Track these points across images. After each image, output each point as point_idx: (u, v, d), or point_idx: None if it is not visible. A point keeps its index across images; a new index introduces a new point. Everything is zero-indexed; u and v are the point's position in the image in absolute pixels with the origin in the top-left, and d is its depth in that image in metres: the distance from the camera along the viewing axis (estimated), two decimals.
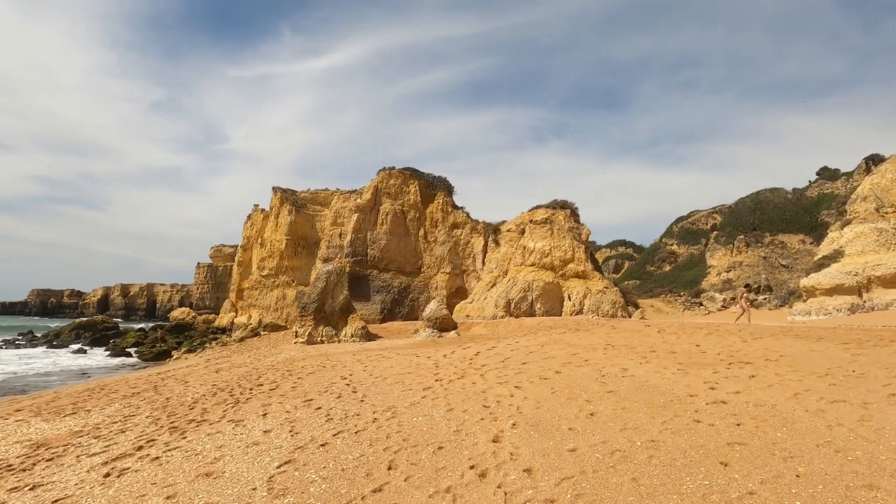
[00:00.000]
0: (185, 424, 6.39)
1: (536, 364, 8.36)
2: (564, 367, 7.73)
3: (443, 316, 25.49)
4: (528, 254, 29.82)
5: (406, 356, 12.34)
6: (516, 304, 27.62)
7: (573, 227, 30.98)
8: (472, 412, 5.61)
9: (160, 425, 6.57)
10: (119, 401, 9.73)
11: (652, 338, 10.17)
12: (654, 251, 54.18)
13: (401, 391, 7.14)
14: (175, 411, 7.64)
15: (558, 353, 9.27)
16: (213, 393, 9.25)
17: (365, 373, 9.68)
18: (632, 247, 79.87)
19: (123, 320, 77.85)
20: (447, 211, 34.43)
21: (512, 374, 7.57)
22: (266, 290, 38.33)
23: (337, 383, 8.65)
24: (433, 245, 33.66)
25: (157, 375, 15.89)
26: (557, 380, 6.86)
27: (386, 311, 31.58)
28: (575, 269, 29.05)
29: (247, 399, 7.88)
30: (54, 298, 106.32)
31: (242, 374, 12.46)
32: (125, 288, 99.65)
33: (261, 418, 6.27)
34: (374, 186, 34.17)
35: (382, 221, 33.29)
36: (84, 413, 8.45)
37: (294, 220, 37.43)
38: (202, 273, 79.90)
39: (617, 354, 8.53)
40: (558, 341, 11.14)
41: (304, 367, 12.55)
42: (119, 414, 7.99)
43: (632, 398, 5.54)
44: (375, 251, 32.75)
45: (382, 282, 32.38)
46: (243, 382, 10.37)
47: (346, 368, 10.99)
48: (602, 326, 13.43)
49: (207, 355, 24.75)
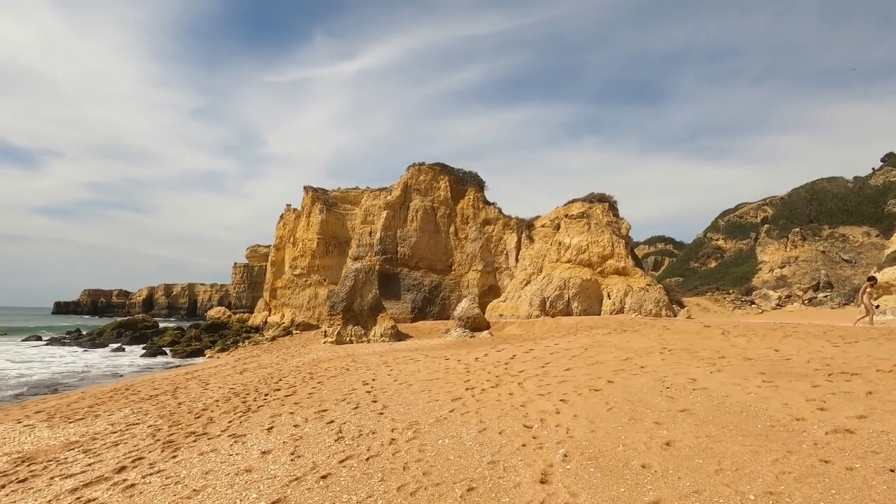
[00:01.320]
0: (183, 438, 5.63)
1: (582, 371, 7.23)
2: (617, 376, 6.56)
3: (475, 315, 24.45)
4: (563, 250, 28.37)
5: (435, 359, 11.39)
6: (552, 303, 26.27)
7: (612, 222, 29.29)
8: (510, 434, 4.57)
9: (157, 438, 5.84)
10: (134, 404, 9.18)
11: (715, 340, 8.81)
12: (697, 247, 51.33)
13: (426, 402, 6.17)
14: (180, 420, 6.94)
15: (606, 358, 8.08)
16: (226, 398, 8.55)
17: (389, 378, 8.77)
18: (671, 243, 76.93)
19: (166, 319, 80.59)
20: (478, 207, 33.31)
21: (555, 383, 6.47)
22: (298, 289, 38.30)
23: (357, 390, 7.78)
24: (464, 242, 32.62)
25: (183, 376, 15.56)
26: (612, 391, 5.72)
27: (416, 310, 30.77)
28: (614, 266, 27.41)
29: (259, 407, 7.09)
30: (104, 298, 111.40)
31: (264, 377, 11.81)
32: (168, 288, 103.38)
33: (265, 433, 5.43)
34: (403, 183, 33.41)
35: (412, 218, 32.49)
36: (92, 419, 7.90)
37: (325, 220, 37.18)
38: (238, 273, 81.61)
39: (678, 361, 7.28)
40: (604, 344, 9.91)
41: (328, 368, 11.80)
42: (124, 421, 7.37)
43: (715, 420, 4.34)
44: (405, 249, 31.99)
45: (413, 280, 31.59)
46: (261, 386, 9.67)
47: (370, 372, 10.13)
48: (652, 327, 12.04)
49: (238, 354, 24.61)
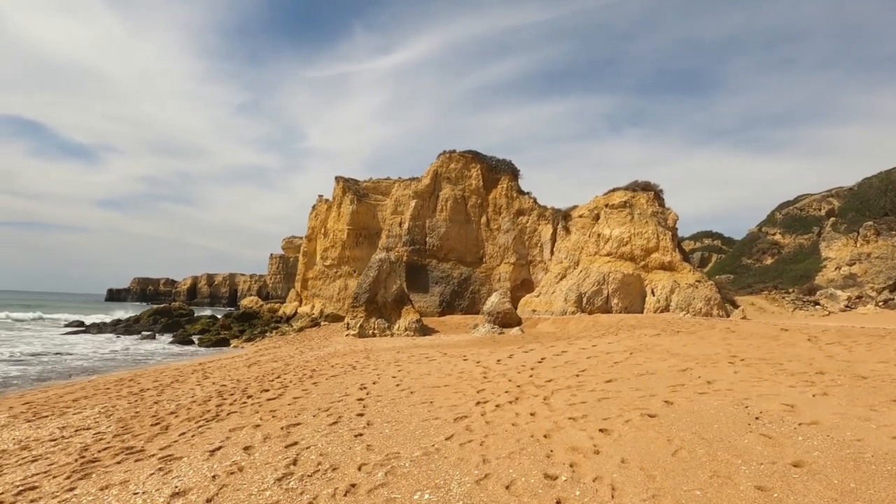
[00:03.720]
0: (110, 458, 4.50)
1: (628, 383, 5.65)
2: (677, 394, 4.97)
3: (505, 310, 22.88)
4: (603, 242, 26.31)
5: (452, 359, 10.00)
6: (589, 299, 24.35)
7: (657, 212, 26.95)
8: (522, 491, 3.10)
9: (84, 455, 4.74)
10: (115, 400, 8.28)
11: (801, 348, 6.99)
12: (750, 242, 47.58)
13: (421, 420, 4.79)
14: (134, 427, 5.88)
15: (658, 367, 6.46)
16: (207, 398, 7.48)
17: (392, 381, 7.46)
18: (720, 238, 72.87)
19: (208, 307, 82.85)
20: (512, 196, 31.56)
21: (592, 401, 4.95)
22: (329, 280, 37.82)
23: (351, 395, 6.50)
24: (496, 233, 31.00)
25: (192, 367, 14.85)
26: (673, 419, 4.15)
27: (445, 304, 29.46)
28: (660, 260, 25.16)
29: (229, 414, 5.93)
30: (152, 286, 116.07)
31: (266, 372, 10.79)
32: (210, 277, 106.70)
33: (205, 458, 4.20)
34: (433, 171, 32.07)
35: (442, 208, 31.13)
36: (55, 417, 6.98)
37: (356, 210, 36.45)
38: (275, 264, 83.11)
39: (758, 375, 5.58)
40: (653, 347, 8.23)
41: (335, 365, 10.64)
42: (79, 424, 6.39)
43: (861, 490, 2.72)
44: (434, 239, 30.69)
45: (441, 272, 30.28)
46: (253, 385, 8.58)
47: (375, 372, 8.87)
48: (712, 328, 10.14)
49: (262, 345, 24.06)
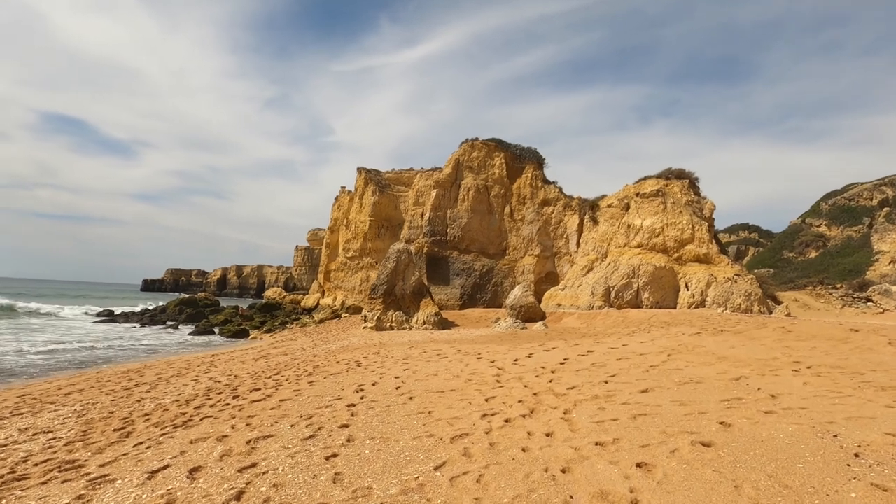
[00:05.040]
0: (44, 474, 3.83)
1: (669, 395, 4.68)
2: (734, 412, 3.97)
3: (528, 304, 21.89)
4: (633, 233, 24.89)
5: (465, 356, 9.14)
6: (618, 293, 23.05)
7: (692, 201, 25.31)
8: None
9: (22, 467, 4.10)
10: (103, 396, 7.77)
11: (882, 354, 5.82)
12: (792, 234, 44.88)
13: (412, 437, 3.95)
14: (97, 431, 5.25)
15: (704, 374, 5.43)
16: (193, 397, 6.85)
17: (394, 382, 6.66)
18: (756, 231, 69.69)
19: (238, 298, 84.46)
20: (537, 186, 30.32)
21: (625, 418, 4.01)
22: (351, 271, 37.50)
23: (344, 398, 5.73)
24: (520, 224, 29.87)
25: (206, 357, 14.50)
26: (736, 453, 3.16)
27: (466, 297, 28.59)
28: (695, 252, 23.60)
29: (202, 419, 5.25)
30: (184, 277, 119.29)
31: (269, 368, 10.18)
32: (239, 269, 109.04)
33: (139, 483, 3.45)
34: (455, 160, 31.11)
35: (463, 198, 30.17)
36: (32, 415, 6.47)
37: (378, 201, 35.92)
38: (300, 255, 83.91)
39: (834, 387, 4.52)
40: (693, 349, 7.16)
41: (340, 361, 9.95)
42: (52, 423, 5.82)
43: None
44: (455, 230, 29.80)
45: (463, 264, 29.39)
46: (247, 382, 7.93)
47: (380, 370, 8.10)
48: (763, 327, 8.90)
49: (279, 336, 23.76)
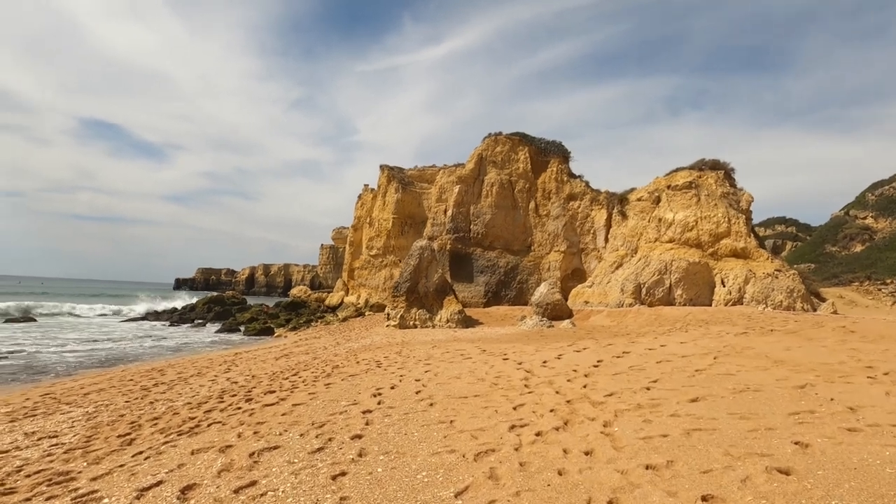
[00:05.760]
0: (31, 488, 3.55)
1: (725, 405, 4.10)
2: (809, 430, 3.38)
3: (555, 301, 21.22)
4: (665, 227, 23.88)
5: (491, 356, 8.67)
6: (649, 290, 22.13)
7: (728, 193, 24.13)
8: None
9: (11, 479, 3.85)
10: (118, 397, 7.64)
11: None
12: (835, 227, 42.64)
13: (430, 453, 3.50)
14: (100, 437, 5.02)
15: (762, 380, 4.82)
16: (204, 400, 6.60)
17: (414, 386, 6.25)
18: (794, 224, 66.86)
19: (265, 296, 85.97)
20: (562, 180, 29.49)
21: (677, 434, 3.47)
22: (374, 269, 37.43)
23: (360, 404, 5.35)
24: (545, 219, 29.11)
25: (228, 356, 14.45)
26: (826, 485, 2.54)
27: (490, 294, 28.05)
28: (731, 246, 22.48)
29: (209, 425, 4.95)
30: (214, 276, 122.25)
31: (288, 367, 9.93)
32: (267, 268, 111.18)
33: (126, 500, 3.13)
34: (477, 155, 30.55)
35: (487, 193, 29.60)
36: (44, 417, 6.33)
37: (401, 199, 35.70)
38: (325, 254, 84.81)
39: None
40: (742, 351, 6.50)
41: (360, 361, 9.61)
42: (59, 427, 5.65)
43: None
44: (479, 227, 29.26)
45: (487, 261, 28.84)
46: (263, 383, 7.66)
47: (400, 371, 7.72)
48: (820, 326, 8.07)
49: (303, 334, 23.75)
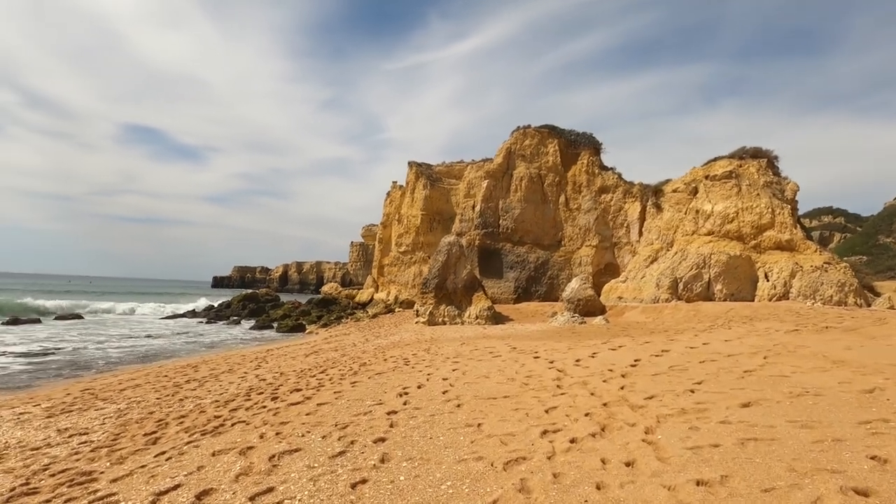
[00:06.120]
0: (53, 489, 3.53)
1: (782, 411, 3.72)
2: (885, 441, 2.97)
3: (587, 297, 20.65)
4: (703, 219, 22.89)
5: (521, 355, 8.39)
6: (686, 284, 21.25)
7: (771, 182, 22.91)
8: None
9: (36, 479, 3.85)
10: (150, 393, 7.77)
11: None
12: (889, 217, 40.02)
13: (456, 460, 3.28)
14: (127, 435, 5.04)
15: (822, 383, 4.39)
16: (231, 398, 6.60)
17: (441, 386, 6.05)
18: (843, 215, 63.39)
19: (298, 293, 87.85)
20: (593, 173, 28.70)
21: (730, 444, 3.12)
22: (403, 266, 37.58)
23: (385, 404, 5.20)
24: (576, 213, 28.41)
25: (260, 352, 14.66)
26: None
27: (520, 290, 27.62)
28: (776, 239, 21.34)
29: (233, 424, 4.90)
30: (249, 274, 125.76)
31: (316, 364, 9.93)
32: (299, 265, 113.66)
33: None
34: (506, 149, 30.07)
35: (516, 188, 29.11)
36: (79, 413, 6.47)
37: (429, 195, 35.71)
38: (355, 251, 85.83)
39: None
40: (795, 350, 6.00)
41: (388, 359, 9.50)
42: (91, 423, 5.75)
43: None
44: (508, 221, 28.83)
45: (516, 256, 28.40)
46: (290, 381, 7.64)
47: (427, 370, 7.54)
48: (882, 323, 7.36)
49: (333, 331, 24.00)
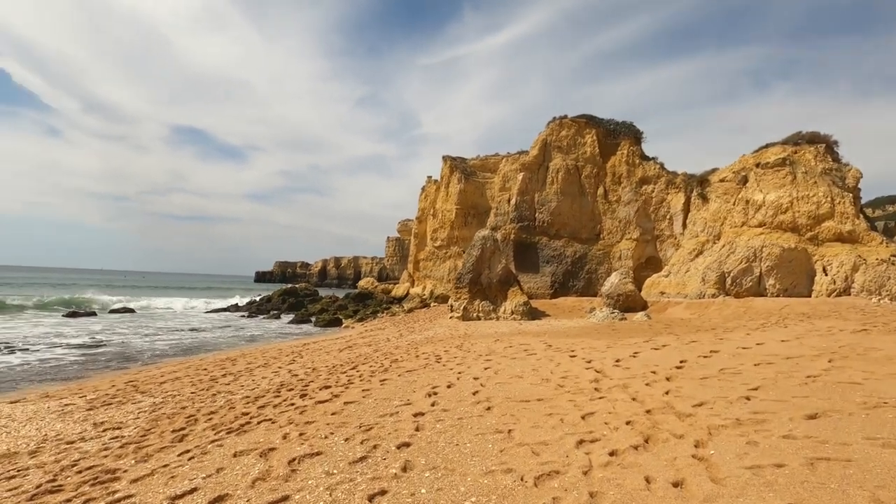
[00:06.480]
0: (76, 487, 3.53)
1: (856, 426, 3.28)
2: None
3: (627, 292, 19.91)
4: (753, 209, 21.60)
5: (557, 353, 8.05)
6: (735, 279, 20.14)
7: (830, 169, 21.33)
8: None
9: (62, 476, 3.88)
10: (186, 387, 7.95)
11: None
12: None
13: (482, 472, 3.04)
14: (157, 431, 5.09)
15: None
16: (262, 394, 6.62)
17: (472, 385, 5.83)
18: None
19: (336, 288, 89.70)
20: (634, 163, 27.61)
21: (797, 465, 2.73)
22: (439, 261, 37.59)
23: (413, 404, 5.04)
24: (615, 206, 27.46)
25: (297, 346, 14.89)
26: None
27: (557, 285, 26.99)
28: (835, 230, 19.88)
29: (259, 423, 4.85)
30: (290, 269, 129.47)
31: (349, 360, 9.92)
32: (337, 260, 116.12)
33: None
34: (541, 140, 29.37)
35: (552, 180, 28.40)
36: (118, 406, 6.65)
37: (463, 189, 35.49)
38: (391, 246, 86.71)
39: None
40: (865, 352, 5.41)
41: (420, 355, 9.37)
42: (126, 417, 5.87)
43: None
44: (544, 215, 28.19)
45: (553, 250, 27.75)
46: (322, 377, 7.62)
47: (460, 367, 7.35)
48: None
49: (369, 325, 24.18)
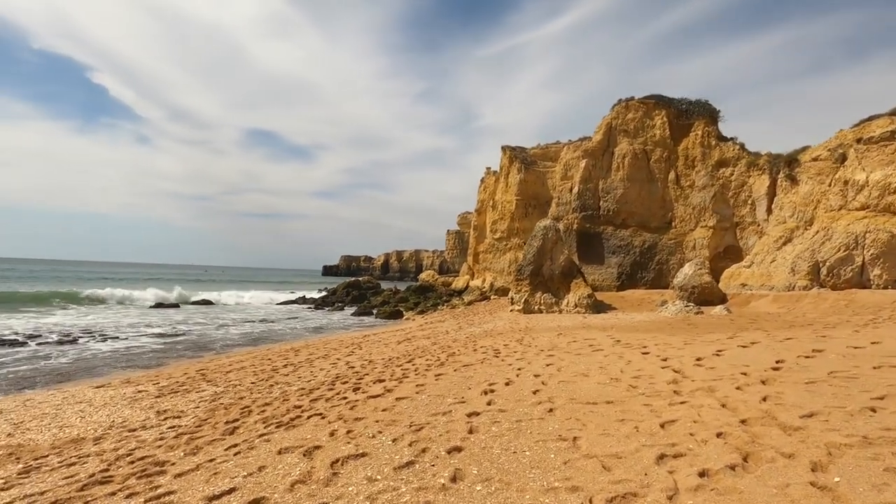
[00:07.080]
0: (124, 479, 3.48)
1: None
2: None
3: (703, 284, 18.41)
4: (853, 191, 19.14)
5: (627, 349, 7.40)
6: (831, 269, 17.98)
7: None
8: None
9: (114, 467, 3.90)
10: (249, 377, 8.16)
11: None
12: None
13: (542, 489, 2.62)
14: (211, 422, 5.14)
15: None
16: (316, 387, 6.59)
17: (532, 384, 5.42)
18: None
19: (398, 281, 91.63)
20: (709, 145, 25.44)
21: None
22: (498, 253, 37.03)
23: (468, 402, 4.73)
24: (688, 191, 25.49)
25: (357, 338, 15.12)
26: None
27: (624, 277, 25.59)
28: None
29: (308, 417, 4.74)
30: (354, 263, 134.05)
31: (406, 353, 9.81)
32: (399, 254, 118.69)
33: None
34: (606, 125, 27.85)
35: (618, 166, 26.87)
36: (184, 394, 6.91)
37: (523, 179, 34.61)
38: (451, 239, 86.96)
39: None
40: None
41: (478, 349, 9.05)
42: (187, 406, 6.03)
43: None
44: (609, 203, 26.77)
45: (619, 240, 26.32)
46: (377, 369, 7.51)
47: (520, 362, 6.94)
48: None
49: (429, 318, 24.24)
